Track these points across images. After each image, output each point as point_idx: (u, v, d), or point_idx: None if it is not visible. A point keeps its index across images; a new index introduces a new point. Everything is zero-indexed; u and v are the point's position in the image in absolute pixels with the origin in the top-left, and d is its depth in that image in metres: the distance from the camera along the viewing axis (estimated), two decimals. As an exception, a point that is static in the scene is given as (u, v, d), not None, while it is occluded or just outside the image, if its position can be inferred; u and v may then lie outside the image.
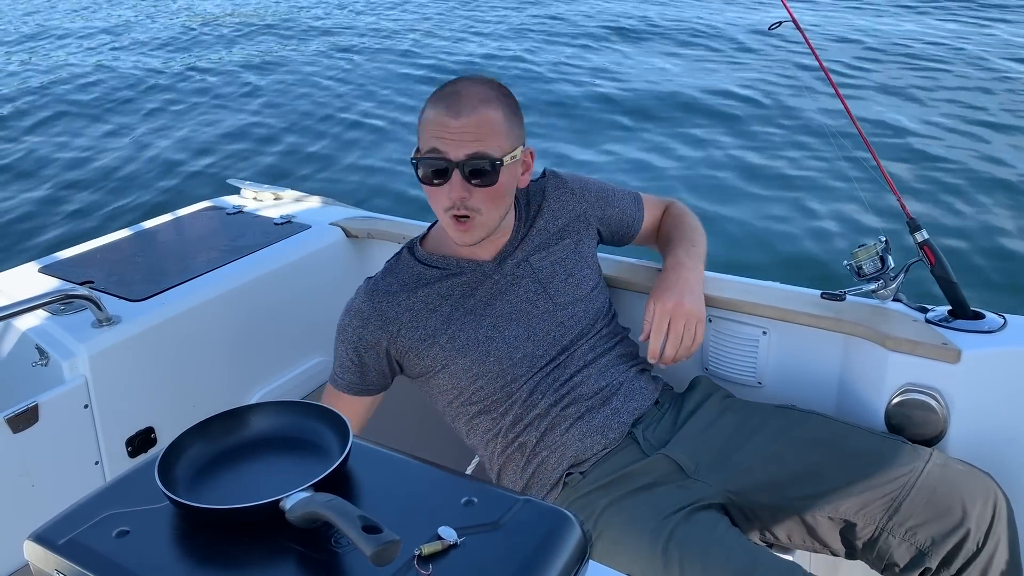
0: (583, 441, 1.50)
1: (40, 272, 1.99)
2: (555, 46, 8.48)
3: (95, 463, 1.73)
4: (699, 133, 6.04)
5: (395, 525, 0.78)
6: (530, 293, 1.57)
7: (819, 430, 1.48)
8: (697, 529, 1.32)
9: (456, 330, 1.53)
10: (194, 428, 0.95)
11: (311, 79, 7.87)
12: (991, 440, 1.54)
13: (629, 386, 1.56)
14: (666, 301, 1.54)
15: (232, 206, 2.36)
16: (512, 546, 0.82)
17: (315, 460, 0.90)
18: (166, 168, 5.95)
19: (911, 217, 1.65)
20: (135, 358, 1.76)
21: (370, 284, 1.61)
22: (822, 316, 1.62)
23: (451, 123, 1.42)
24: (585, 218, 1.67)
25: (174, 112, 7.12)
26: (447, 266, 1.59)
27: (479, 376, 1.52)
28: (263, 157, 6.09)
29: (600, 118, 6.44)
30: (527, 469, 1.52)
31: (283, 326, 2.08)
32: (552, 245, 1.62)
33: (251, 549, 0.82)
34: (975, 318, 1.58)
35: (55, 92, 7.80)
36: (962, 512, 1.31)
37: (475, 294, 1.56)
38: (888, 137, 5.69)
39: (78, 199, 5.51)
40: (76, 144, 6.48)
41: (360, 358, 1.59)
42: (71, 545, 0.82)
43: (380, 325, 1.56)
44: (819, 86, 6.54)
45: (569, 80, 7.34)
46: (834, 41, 8.03)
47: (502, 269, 1.58)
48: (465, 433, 1.60)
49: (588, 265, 1.65)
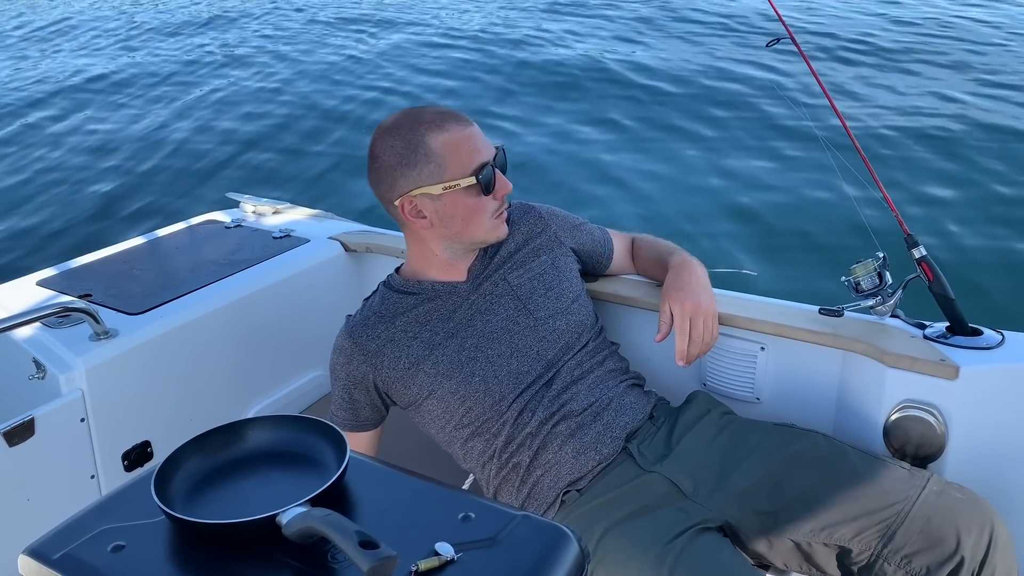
0: (577, 459, 1.49)
1: (38, 285, 1.99)
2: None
3: (91, 477, 1.72)
4: (690, 146, 6.06)
5: (392, 540, 0.77)
6: (510, 311, 1.58)
7: (817, 450, 1.47)
8: (701, 554, 1.31)
9: (439, 355, 1.54)
10: (191, 442, 0.94)
11: (312, 90, 7.90)
12: (990, 456, 1.54)
13: (620, 401, 1.56)
14: (684, 301, 1.57)
15: (231, 220, 2.37)
16: (509, 562, 0.81)
17: (312, 475, 0.90)
18: (164, 180, 5.96)
19: (909, 233, 1.65)
20: (132, 372, 1.75)
21: (350, 321, 1.62)
22: (820, 332, 1.62)
23: (472, 129, 1.51)
24: (557, 239, 1.69)
25: (171, 120, 7.13)
26: (422, 291, 1.60)
27: (466, 397, 1.52)
28: (260, 169, 6.10)
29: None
30: (523, 490, 1.51)
31: (281, 340, 2.08)
32: (529, 262, 1.63)
33: (247, 564, 0.82)
34: (973, 334, 1.58)
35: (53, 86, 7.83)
36: (956, 541, 1.30)
37: (454, 317, 1.57)
38: (886, 152, 5.71)
39: (71, 211, 5.51)
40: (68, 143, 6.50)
41: (350, 395, 1.61)
42: (66, 560, 0.82)
43: (363, 359, 1.57)
44: (816, 100, 6.57)
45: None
46: (830, 52, 8.07)
47: (480, 289, 1.59)
48: (461, 458, 1.59)
49: (567, 279, 1.65)
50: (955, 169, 5.50)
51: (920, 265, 1.63)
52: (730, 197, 5.24)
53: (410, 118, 1.51)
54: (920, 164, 5.57)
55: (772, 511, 1.41)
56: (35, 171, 6.27)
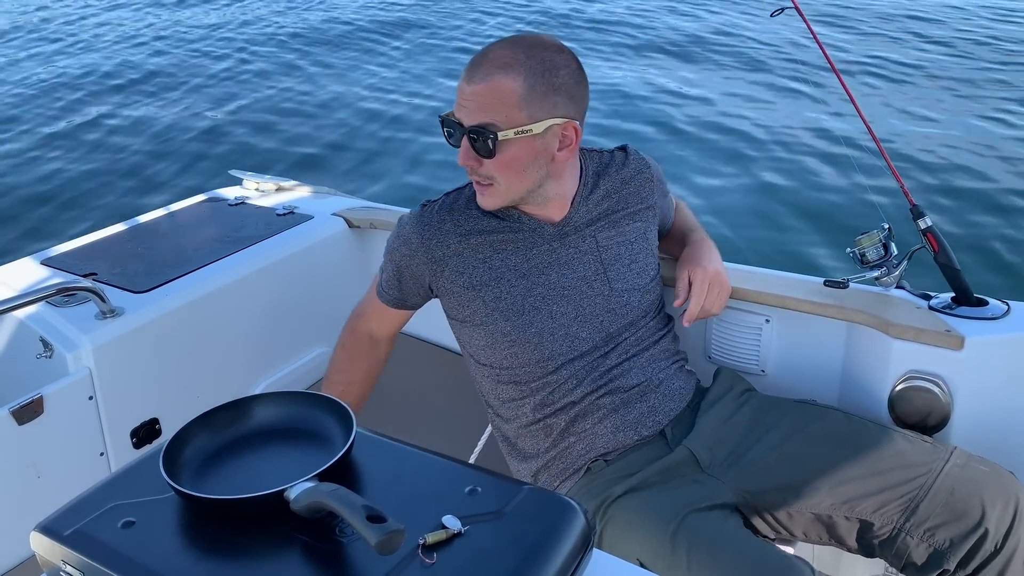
0: (615, 434, 1.48)
1: (43, 265, 1.99)
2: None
3: (100, 454, 1.73)
4: (692, 123, 6.02)
5: (399, 514, 0.78)
6: (589, 272, 1.52)
7: (837, 427, 1.47)
8: (708, 522, 1.32)
9: (503, 290, 1.50)
10: (198, 419, 0.95)
11: (305, 65, 7.85)
12: (995, 426, 1.54)
13: (669, 385, 1.54)
14: (707, 267, 1.57)
15: (234, 197, 2.36)
16: (516, 535, 0.82)
17: (319, 450, 0.91)
18: (167, 158, 5.95)
19: (914, 204, 1.64)
20: (139, 349, 1.76)
21: (424, 212, 1.55)
22: (825, 304, 1.62)
23: (464, 88, 1.38)
24: (654, 209, 1.63)
25: (173, 100, 7.11)
26: (508, 217, 1.51)
27: (515, 343, 1.50)
28: (263, 146, 6.08)
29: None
30: (550, 451, 1.51)
31: (286, 317, 2.08)
32: (622, 225, 1.56)
33: (256, 539, 0.82)
34: (978, 305, 1.58)
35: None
36: (981, 513, 1.29)
37: (530, 257, 1.51)
38: (892, 123, 5.67)
39: (78, 191, 5.51)
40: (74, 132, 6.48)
41: (400, 279, 1.58)
42: (77, 536, 0.83)
43: (426, 260, 1.53)
44: (821, 72, 6.51)
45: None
46: (836, 25, 7.99)
47: (566, 240, 1.52)
48: (486, 391, 1.58)
49: (651, 254, 1.61)
50: (959, 137, 5.46)
51: (926, 236, 1.62)
52: (731, 171, 5.21)
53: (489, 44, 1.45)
54: (927, 136, 5.53)
55: (792, 485, 1.41)
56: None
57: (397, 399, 1.74)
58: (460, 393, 1.87)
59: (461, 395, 1.87)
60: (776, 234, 4.45)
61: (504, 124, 1.36)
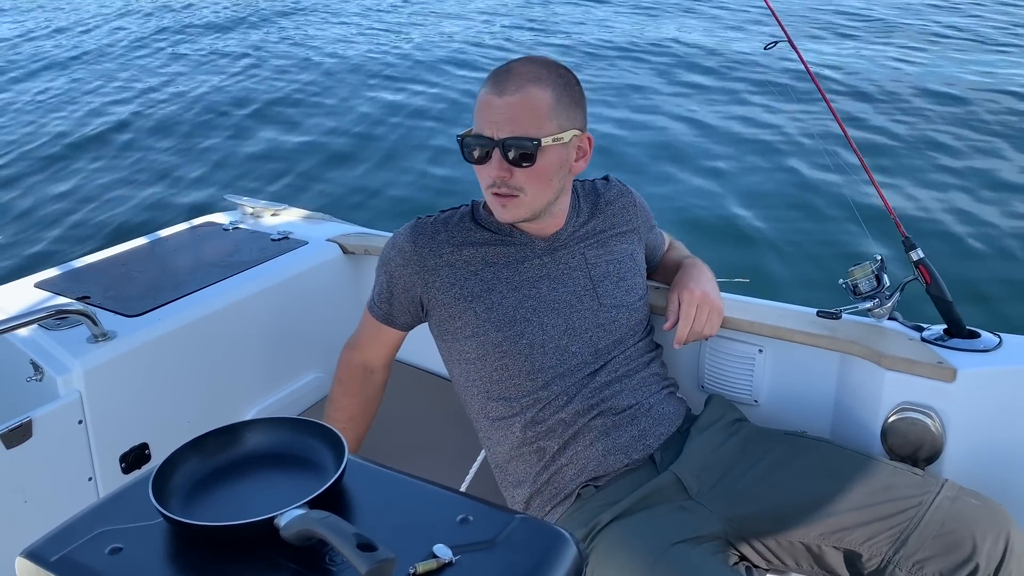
0: (605, 458, 1.48)
1: (36, 287, 1.99)
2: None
3: (88, 479, 1.72)
4: (686, 148, 6.07)
5: (390, 543, 0.77)
6: (578, 287, 1.56)
7: (827, 459, 1.47)
8: (691, 556, 1.31)
9: (495, 301, 1.52)
10: (189, 444, 0.94)
11: (308, 93, 7.90)
12: (988, 458, 1.54)
13: (659, 409, 1.55)
14: (693, 290, 1.59)
15: (229, 222, 2.37)
16: (507, 565, 0.81)
17: (310, 477, 0.90)
18: (162, 183, 5.96)
19: (906, 236, 1.65)
20: (130, 374, 1.75)
21: (418, 224, 1.58)
22: (818, 334, 1.63)
23: (495, 101, 1.42)
24: (639, 232, 1.68)
25: (168, 128, 7.13)
26: (499, 231, 1.56)
27: (506, 355, 1.51)
28: (260, 172, 6.10)
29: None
30: (542, 475, 1.50)
31: (279, 342, 2.08)
32: (610, 245, 1.61)
33: (245, 567, 0.82)
34: (971, 337, 1.59)
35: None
36: (972, 546, 1.29)
37: (521, 271, 1.54)
38: (884, 157, 5.72)
39: (71, 214, 5.51)
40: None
41: (392, 292, 1.60)
42: (63, 562, 0.82)
43: (418, 270, 1.55)
44: (814, 104, 6.58)
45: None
46: (827, 58, 8.08)
47: (555, 255, 1.57)
48: (475, 412, 1.58)
49: (639, 275, 1.64)
50: (954, 169, 5.50)
51: (918, 267, 1.63)
52: (726, 199, 5.24)
53: (505, 63, 1.49)
54: (919, 167, 5.58)
55: (781, 514, 1.40)
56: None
57: (389, 426, 1.73)
58: (452, 420, 1.87)
59: (453, 422, 1.86)
60: (769, 264, 4.46)
61: (539, 134, 1.42)
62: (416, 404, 2.10)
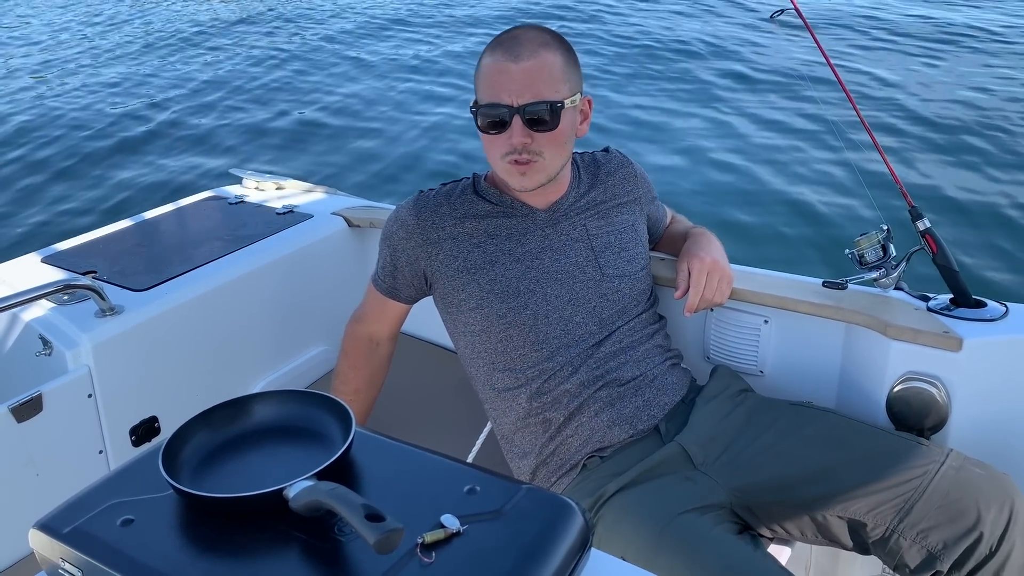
0: (611, 428, 1.49)
1: (43, 262, 1.99)
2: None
3: (99, 452, 1.73)
4: (690, 117, 6.03)
5: (398, 513, 0.78)
6: (580, 257, 1.56)
7: (832, 429, 1.47)
8: (696, 526, 1.32)
9: (498, 273, 1.53)
10: (197, 417, 0.95)
11: (311, 65, 7.86)
12: (993, 428, 1.55)
13: (663, 380, 1.56)
14: (704, 258, 1.59)
15: (234, 196, 2.37)
16: (514, 534, 0.82)
17: (318, 449, 0.91)
18: (167, 157, 5.95)
19: (913, 205, 1.64)
20: (138, 348, 1.76)
21: (421, 197, 1.60)
22: (823, 304, 1.62)
23: (511, 67, 1.42)
24: (640, 203, 1.68)
25: (173, 99, 7.11)
26: (501, 203, 1.57)
27: (511, 325, 1.51)
28: (267, 145, 6.08)
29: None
30: (548, 445, 1.51)
31: (286, 315, 2.08)
32: (611, 216, 1.62)
33: (255, 538, 0.82)
34: (977, 306, 1.58)
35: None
36: (976, 515, 1.29)
37: (523, 242, 1.55)
38: (891, 124, 5.67)
39: (77, 188, 5.51)
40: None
41: (395, 265, 1.61)
42: (76, 534, 0.83)
43: (421, 243, 1.56)
44: (821, 72, 6.52)
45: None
46: (836, 26, 7.99)
47: (557, 227, 1.57)
48: (481, 384, 1.59)
49: (641, 244, 1.65)
50: (958, 141, 5.46)
51: (924, 237, 1.62)
52: (732, 170, 5.22)
53: (504, 31, 1.49)
54: (925, 137, 5.53)
55: (785, 484, 1.41)
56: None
57: (396, 398, 1.74)
58: (459, 392, 1.88)
59: (460, 394, 1.87)
60: (774, 234, 4.45)
61: (559, 97, 1.44)
62: (422, 376, 2.11)
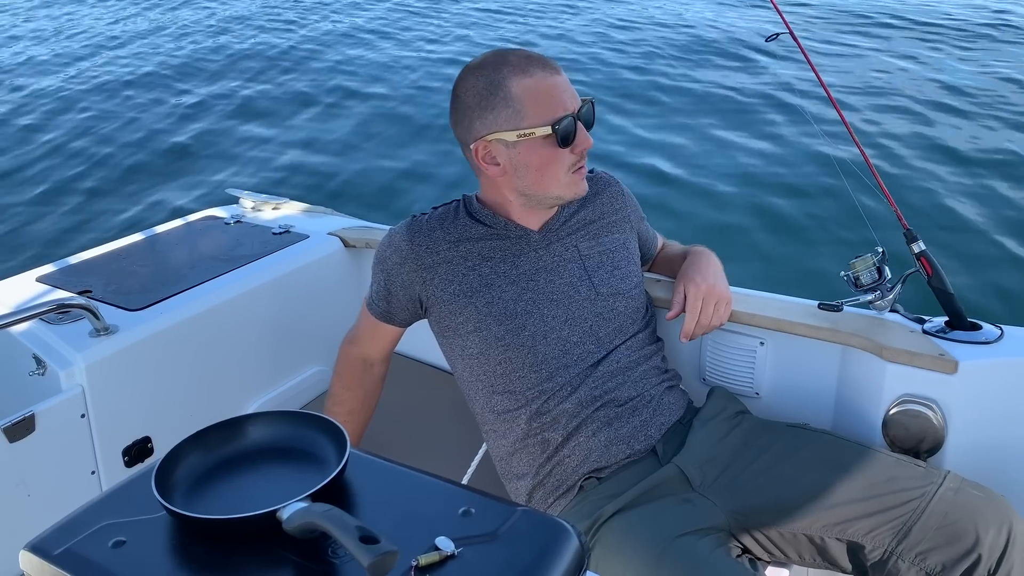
0: (608, 449, 1.49)
1: (38, 281, 1.99)
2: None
3: (91, 473, 1.72)
4: (685, 137, 6.06)
5: (392, 536, 0.77)
6: (574, 278, 1.56)
7: (830, 451, 1.47)
8: (695, 549, 1.32)
9: (495, 295, 1.52)
10: (191, 438, 0.94)
11: (311, 86, 7.89)
12: (989, 450, 1.55)
13: (660, 400, 1.55)
14: (700, 283, 1.59)
15: (230, 215, 2.37)
16: (510, 557, 0.82)
17: (312, 470, 0.90)
18: (162, 177, 5.96)
19: (908, 228, 1.65)
20: (132, 368, 1.75)
21: (415, 222, 1.59)
22: (819, 327, 1.63)
23: (558, 79, 1.45)
24: (629, 222, 1.69)
25: (167, 116, 7.13)
26: (495, 225, 1.57)
27: (510, 347, 1.51)
28: (262, 166, 6.10)
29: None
30: (545, 466, 1.51)
31: (281, 336, 2.08)
32: (602, 235, 1.62)
33: (248, 560, 0.82)
34: (972, 329, 1.58)
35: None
36: (974, 537, 1.29)
37: (518, 264, 1.55)
38: (885, 148, 5.71)
39: (71, 206, 5.51)
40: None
41: (390, 290, 1.60)
42: (67, 555, 0.82)
43: (416, 268, 1.55)
44: (816, 93, 6.56)
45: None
46: (830, 51, 8.06)
47: (550, 248, 1.57)
48: (479, 407, 1.58)
49: (634, 262, 1.65)
50: (956, 167, 5.49)
51: (919, 260, 1.63)
52: (727, 192, 5.24)
53: (496, 59, 1.46)
54: (921, 162, 5.57)
55: (783, 507, 1.41)
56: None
57: (390, 419, 1.74)
58: (454, 413, 1.87)
59: (455, 415, 1.86)
60: (769, 256, 4.46)
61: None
62: (417, 397, 2.10)
